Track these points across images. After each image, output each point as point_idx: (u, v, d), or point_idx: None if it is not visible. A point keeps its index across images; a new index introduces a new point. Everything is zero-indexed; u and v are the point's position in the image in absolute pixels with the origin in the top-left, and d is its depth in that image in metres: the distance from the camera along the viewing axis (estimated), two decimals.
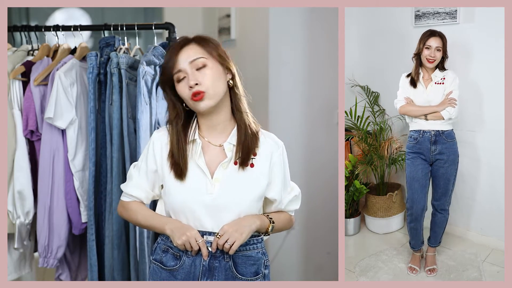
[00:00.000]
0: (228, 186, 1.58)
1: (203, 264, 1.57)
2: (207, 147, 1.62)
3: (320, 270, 3.16)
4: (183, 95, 1.57)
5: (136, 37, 2.38)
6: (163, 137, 1.64)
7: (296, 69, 3.04)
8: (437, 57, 2.47)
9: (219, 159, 1.60)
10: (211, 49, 1.58)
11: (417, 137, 2.52)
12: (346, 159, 3.01)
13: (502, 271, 2.59)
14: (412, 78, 2.54)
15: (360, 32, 3.27)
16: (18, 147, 2.25)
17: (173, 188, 1.59)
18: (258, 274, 1.62)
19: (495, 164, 2.78)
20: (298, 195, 1.75)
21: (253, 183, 1.60)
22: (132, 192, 1.68)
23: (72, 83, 2.22)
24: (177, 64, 1.56)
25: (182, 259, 1.59)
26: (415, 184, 2.52)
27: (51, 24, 2.33)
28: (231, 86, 1.61)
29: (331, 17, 2.92)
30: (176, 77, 1.57)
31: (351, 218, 3.11)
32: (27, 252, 2.41)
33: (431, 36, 2.47)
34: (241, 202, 1.58)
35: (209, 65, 1.56)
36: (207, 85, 1.54)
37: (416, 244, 2.64)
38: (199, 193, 1.57)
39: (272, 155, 1.64)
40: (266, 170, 1.63)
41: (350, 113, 3.05)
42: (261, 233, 1.64)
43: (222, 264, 1.58)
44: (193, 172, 1.59)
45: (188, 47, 1.58)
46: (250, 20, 3.29)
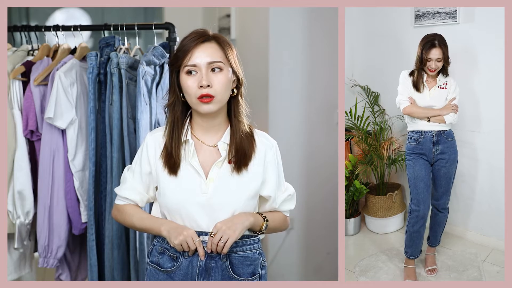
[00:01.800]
0: (223, 185, 1.58)
1: (200, 264, 1.57)
2: (200, 147, 1.61)
3: (320, 270, 3.17)
4: (188, 90, 1.55)
5: (136, 37, 2.38)
6: (157, 138, 1.63)
7: (296, 69, 3.04)
8: (438, 67, 2.46)
9: (213, 158, 1.60)
10: (229, 54, 1.57)
11: (418, 138, 2.51)
12: (346, 159, 3.01)
13: (502, 271, 2.59)
14: (415, 82, 2.50)
15: (360, 32, 3.27)
16: (18, 147, 2.25)
17: (167, 188, 1.59)
18: (255, 274, 1.61)
19: (495, 164, 2.78)
20: (293, 195, 1.74)
21: (247, 182, 1.60)
22: (127, 195, 1.67)
23: (72, 83, 2.22)
24: (193, 57, 1.53)
25: (179, 260, 1.58)
26: (420, 184, 2.48)
27: (51, 24, 2.33)
28: (234, 94, 1.60)
29: (331, 17, 2.92)
30: (187, 69, 1.54)
31: (351, 218, 3.11)
32: (27, 252, 2.41)
33: (431, 48, 2.41)
34: (235, 202, 1.58)
35: (224, 70, 1.55)
36: (217, 90, 1.53)
37: (415, 252, 2.58)
38: (194, 194, 1.57)
39: (265, 154, 1.64)
40: (260, 169, 1.62)
41: (350, 113, 3.05)
42: (255, 232, 1.63)
43: (218, 264, 1.58)
44: (187, 172, 1.58)
45: (209, 44, 1.56)
46: (250, 20, 3.29)
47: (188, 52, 1.54)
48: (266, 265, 1.66)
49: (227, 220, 1.56)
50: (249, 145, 1.60)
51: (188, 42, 1.55)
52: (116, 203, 1.71)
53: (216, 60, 1.54)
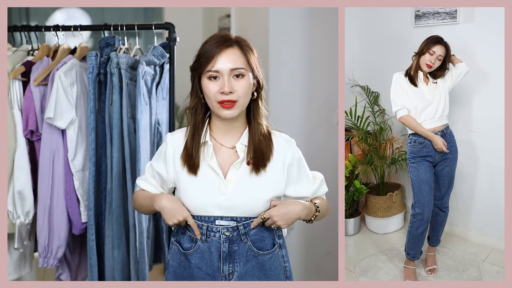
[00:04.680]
0: (241, 186, 1.59)
1: (223, 251, 1.59)
2: (218, 148, 1.62)
3: (320, 270, 3.16)
4: (209, 94, 1.55)
5: (136, 37, 2.38)
6: (178, 140, 1.64)
7: (296, 69, 3.04)
8: (435, 65, 2.46)
9: (231, 160, 1.60)
10: (251, 59, 1.57)
11: (423, 141, 2.48)
12: (346, 159, 3.02)
13: (502, 271, 2.60)
14: (411, 76, 2.50)
15: (360, 32, 3.27)
16: (18, 147, 2.25)
17: (187, 189, 1.60)
18: (274, 245, 1.65)
19: (494, 164, 2.78)
20: (323, 179, 1.76)
21: (266, 183, 1.60)
22: (142, 185, 1.71)
23: (72, 83, 2.22)
24: (216, 63, 1.53)
25: (197, 243, 1.61)
26: (425, 187, 2.48)
27: (51, 24, 2.33)
28: (255, 97, 1.61)
29: (331, 17, 2.92)
30: (210, 74, 1.54)
31: (351, 218, 3.11)
32: (27, 252, 2.41)
33: (437, 43, 2.43)
34: (254, 202, 1.59)
35: (246, 76, 1.56)
36: (239, 96, 1.54)
37: (417, 253, 2.58)
38: (213, 194, 1.58)
39: (285, 156, 1.64)
40: (280, 172, 1.63)
41: (350, 113, 3.05)
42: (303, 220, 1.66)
43: (240, 246, 1.60)
44: (206, 173, 1.59)
45: (232, 50, 1.55)
46: (250, 20, 3.29)
47: (212, 59, 1.53)
48: (282, 235, 1.68)
49: (281, 207, 1.59)
50: (267, 146, 1.61)
51: (211, 48, 1.54)
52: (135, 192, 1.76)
53: (238, 66, 1.54)
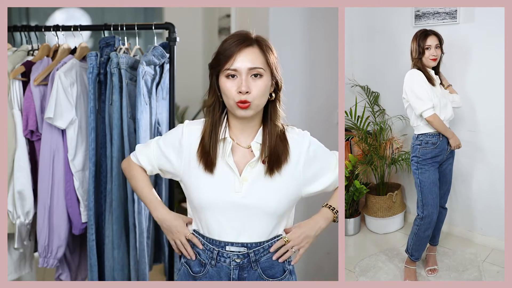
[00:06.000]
0: (256, 185, 1.58)
1: (232, 278, 1.59)
2: (235, 147, 1.61)
3: (320, 270, 3.16)
4: (226, 93, 1.54)
5: (136, 37, 2.38)
6: (194, 133, 1.62)
7: (296, 69, 3.04)
8: (438, 55, 2.45)
9: (246, 159, 1.60)
10: (270, 60, 1.57)
11: (436, 141, 2.45)
12: (346, 159, 3.01)
13: (502, 271, 2.60)
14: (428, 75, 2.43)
15: (360, 32, 3.27)
16: (18, 147, 2.25)
17: (201, 185, 1.59)
18: (285, 271, 1.65)
19: (495, 164, 2.78)
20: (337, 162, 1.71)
21: (280, 184, 1.60)
22: (141, 160, 1.71)
23: (72, 83, 2.22)
24: (235, 62, 1.53)
25: (207, 267, 1.61)
26: (435, 189, 2.46)
27: (51, 24, 2.33)
28: (272, 99, 1.61)
29: (331, 17, 2.92)
30: (228, 73, 1.53)
31: (351, 218, 3.11)
32: (27, 252, 2.41)
33: (427, 36, 2.42)
34: (268, 202, 1.58)
35: (264, 76, 1.55)
36: (255, 96, 1.53)
37: (421, 254, 2.58)
38: (227, 191, 1.57)
39: (300, 154, 1.62)
40: (296, 172, 1.62)
41: (350, 113, 3.05)
42: None
43: (251, 273, 1.60)
44: (222, 170, 1.58)
45: (251, 49, 1.55)
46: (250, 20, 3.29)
47: (231, 57, 1.53)
48: (291, 260, 1.68)
49: (300, 230, 1.66)
50: (283, 149, 1.60)
51: (230, 46, 1.54)
52: (131, 157, 1.75)
53: (257, 66, 1.54)
